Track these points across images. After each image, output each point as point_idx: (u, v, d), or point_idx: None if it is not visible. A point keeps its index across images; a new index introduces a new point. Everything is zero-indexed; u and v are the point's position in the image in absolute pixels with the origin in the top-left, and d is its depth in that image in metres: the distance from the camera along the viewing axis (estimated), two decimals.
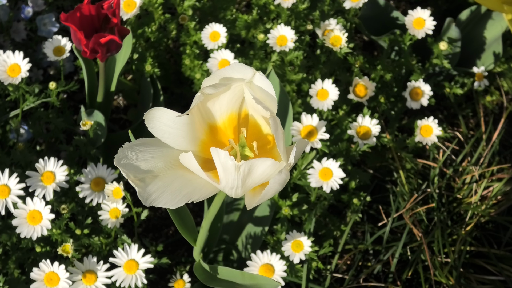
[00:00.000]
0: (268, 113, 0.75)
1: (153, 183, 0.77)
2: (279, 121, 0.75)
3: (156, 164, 0.79)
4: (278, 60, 1.39)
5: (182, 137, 0.81)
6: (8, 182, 1.17)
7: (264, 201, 0.76)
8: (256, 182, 0.77)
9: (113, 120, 1.60)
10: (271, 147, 0.83)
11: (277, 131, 0.74)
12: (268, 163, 0.74)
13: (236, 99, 0.82)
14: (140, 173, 0.78)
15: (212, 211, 0.97)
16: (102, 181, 1.23)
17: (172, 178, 0.78)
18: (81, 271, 1.15)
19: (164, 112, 0.80)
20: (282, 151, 0.75)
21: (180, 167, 0.79)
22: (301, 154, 0.81)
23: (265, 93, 0.79)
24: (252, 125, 0.83)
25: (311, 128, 1.25)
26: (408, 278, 1.39)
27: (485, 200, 1.43)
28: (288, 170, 0.75)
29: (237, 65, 0.80)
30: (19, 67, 1.27)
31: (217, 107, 0.82)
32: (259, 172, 0.75)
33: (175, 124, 0.80)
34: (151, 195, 0.76)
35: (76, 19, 1.19)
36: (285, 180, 0.74)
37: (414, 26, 1.41)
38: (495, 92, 1.61)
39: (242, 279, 1.10)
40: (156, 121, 0.80)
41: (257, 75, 0.79)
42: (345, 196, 1.38)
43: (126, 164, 0.78)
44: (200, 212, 1.51)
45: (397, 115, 1.48)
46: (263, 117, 0.81)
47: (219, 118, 0.83)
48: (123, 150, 0.78)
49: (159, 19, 1.45)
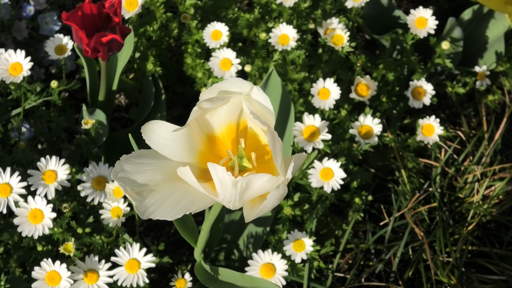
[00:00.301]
0: (266, 127, 0.75)
1: (151, 196, 0.77)
2: (276, 135, 0.75)
3: (154, 176, 0.79)
4: (280, 59, 1.39)
5: (180, 149, 0.80)
6: (9, 181, 1.17)
7: (262, 214, 0.76)
8: (253, 196, 0.77)
9: (115, 119, 1.60)
10: (269, 158, 0.82)
11: (275, 146, 0.74)
12: (265, 178, 0.74)
13: (234, 110, 0.82)
14: (137, 186, 0.77)
15: (212, 214, 0.97)
16: (104, 180, 1.23)
17: (170, 191, 0.78)
18: (83, 270, 1.15)
19: (161, 125, 0.80)
20: (279, 166, 0.75)
21: (178, 179, 0.79)
22: (300, 167, 0.81)
23: (263, 107, 0.79)
24: (250, 135, 0.83)
25: (313, 129, 1.24)
26: (410, 277, 1.39)
27: (487, 199, 1.43)
28: (285, 184, 0.75)
29: (235, 80, 0.80)
30: (20, 65, 1.27)
31: (216, 118, 0.82)
32: (256, 187, 0.75)
33: (172, 137, 0.80)
34: (148, 209, 0.76)
35: (77, 18, 1.19)
36: (282, 195, 0.74)
37: (416, 25, 1.40)
38: (497, 91, 1.61)
39: (242, 281, 1.10)
40: (153, 134, 0.79)
41: (254, 89, 0.79)
42: (346, 195, 1.38)
43: (123, 178, 0.77)
44: (201, 212, 1.50)
45: (399, 115, 1.48)
46: (262, 128, 0.81)
47: (218, 128, 0.83)
48: (120, 163, 0.78)
49: (161, 18, 1.45)
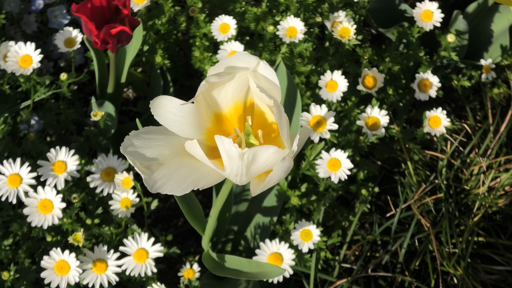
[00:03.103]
0: (272, 101, 0.76)
1: (159, 170, 0.78)
2: (282, 109, 0.75)
3: (162, 151, 0.79)
4: (287, 52, 1.40)
5: (188, 125, 0.81)
6: (19, 171, 1.18)
7: (268, 187, 0.77)
8: (260, 169, 0.77)
9: (123, 112, 1.61)
10: (275, 136, 0.83)
11: (281, 119, 0.75)
12: (271, 150, 0.74)
13: (241, 88, 0.82)
14: (146, 160, 0.78)
15: (220, 199, 0.97)
16: (113, 171, 1.24)
17: (178, 166, 0.79)
18: (92, 259, 1.16)
19: (170, 100, 0.80)
20: (285, 139, 0.76)
21: (186, 154, 0.80)
22: (305, 141, 0.81)
23: (269, 82, 0.80)
24: (257, 113, 0.84)
25: (320, 119, 1.25)
26: (416, 268, 1.39)
27: (492, 191, 1.44)
28: (291, 157, 0.75)
29: (242, 54, 0.80)
30: (30, 58, 1.28)
31: (223, 96, 0.83)
32: (263, 159, 0.75)
33: (181, 112, 0.80)
34: (156, 182, 0.77)
35: (87, 10, 1.20)
36: (288, 167, 0.75)
37: (422, 18, 1.41)
38: (502, 85, 1.61)
39: (249, 267, 1.11)
40: (162, 109, 0.80)
41: (261, 64, 0.80)
42: (353, 187, 1.39)
43: (132, 152, 0.78)
44: (209, 203, 1.51)
45: (405, 107, 1.48)
46: (268, 106, 0.82)
47: (225, 106, 0.84)
48: (130, 138, 0.79)
49: (169, 12, 1.46)
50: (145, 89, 1.59)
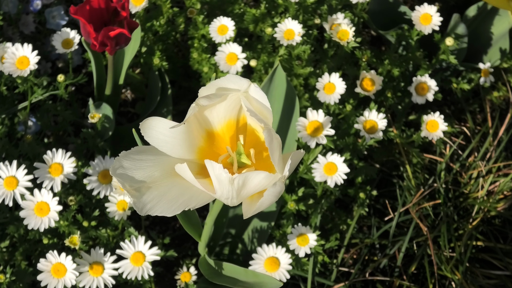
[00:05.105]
0: (263, 125, 0.75)
1: (149, 192, 0.77)
2: (273, 132, 0.75)
3: (152, 173, 0.79)
4: (286, 54, 1.40)
5: (179, 145, 0.81)
6: (16, 174, 1.17)
7: (260, 211, 0.77)
8: (251, 192, 0.77)
9: (121, 113, 1.61)
10: (268, 155, 0.82)
11: (272, 144, 0.74)
12: (262, 176, 0.74)
13: (233, 106, 0.82)
14: (135, 182, 0.78)
15: (215, 208, 0.97)
16: (110, 173, 1.24)
17: (169, 187, 0.78)
18: (88, 262, 1.16)
19: (160, 121, 0.80)
20: (276, 163, 0.75)
21: (176, 175, 0.79)
22: (297, 164, 0.81)
23: (261, 104, 0.80)
24: (250, 132, 0.83)
25: (317, 124, 1.25)
26: (414, 272, 1.39)
27: (491, 195, 1.43)
28: (282, 182, 0.75)
29: (233, 77, 0.80)
30: (27, 59, 1.27)
31: (215, 114, 0.82)
32: (253, 184, 0.75)
33: (171, 133, 0.80)
34: (146, 205, 0.77)
35: (85, 12, 1.20)
36: (279, 191, 0.75)
37: (421, 21, 1.41)
38: (501, 88, 1.61)
39: (246, 276, 1.11)
40: (152, 130, 0.80)
41: (252, 87, 0.80)
42: (351, 190, 1.38)
43: (121, 174, 0.78)
44: (205, 205, 1.51)
45: (404, 110, 1.48)
46: (260, 125, 0.82)
47: (217, 124, 0.83)
48: (119, 159, 0.78)
49: (168, 13, 1.46)
50: (143, 90, 1.59)
